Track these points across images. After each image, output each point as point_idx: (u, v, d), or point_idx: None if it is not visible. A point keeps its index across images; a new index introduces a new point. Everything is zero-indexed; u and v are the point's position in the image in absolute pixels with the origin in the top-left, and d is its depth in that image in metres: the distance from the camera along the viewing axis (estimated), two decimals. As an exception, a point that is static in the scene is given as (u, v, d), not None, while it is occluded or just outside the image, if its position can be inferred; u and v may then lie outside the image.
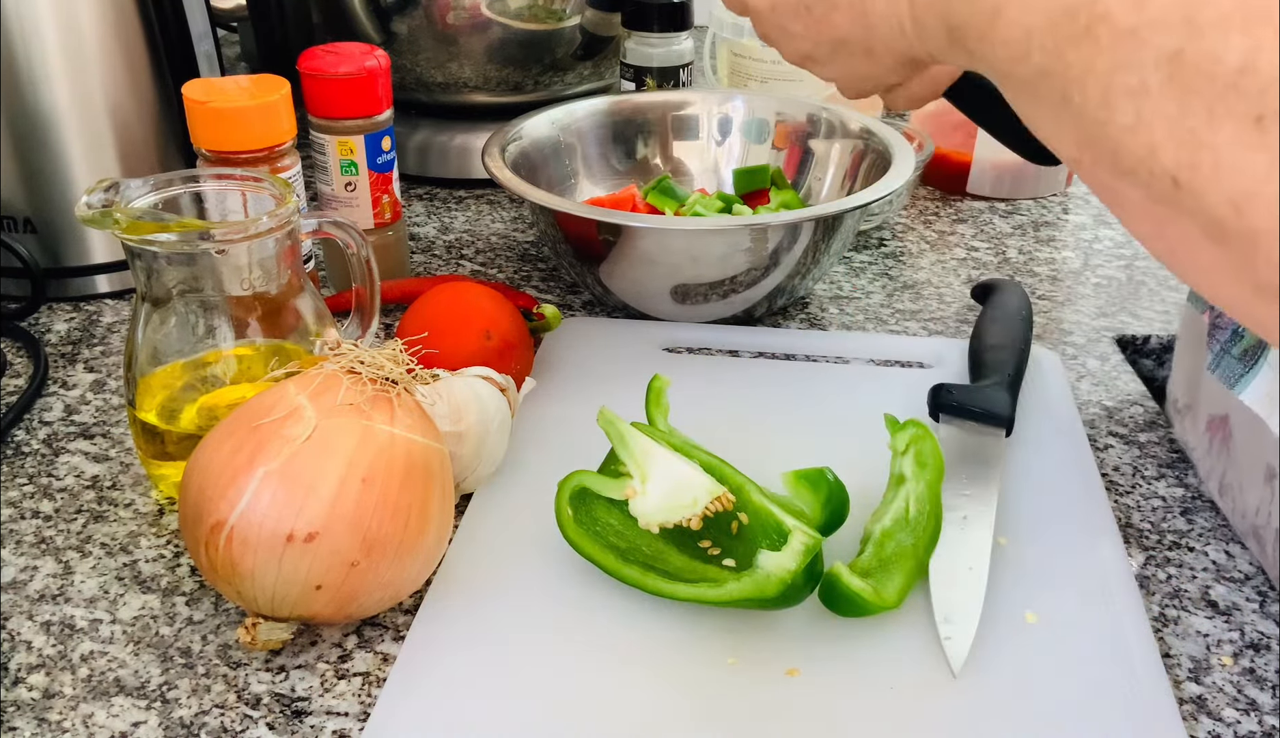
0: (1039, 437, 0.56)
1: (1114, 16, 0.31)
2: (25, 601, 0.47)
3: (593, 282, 0.67)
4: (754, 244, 0.62)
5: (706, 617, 0.45)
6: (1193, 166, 0.29)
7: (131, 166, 0.69)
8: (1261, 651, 0.45)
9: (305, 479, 0.40)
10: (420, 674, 0.42)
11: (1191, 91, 0.28)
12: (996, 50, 0.36)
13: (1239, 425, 0.51)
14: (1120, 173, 0.32)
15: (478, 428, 0.50)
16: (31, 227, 0.68)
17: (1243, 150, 0.27)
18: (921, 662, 0.43)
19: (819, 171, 0.76)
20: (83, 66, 0.66)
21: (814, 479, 0.48)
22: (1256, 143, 0.27)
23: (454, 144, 0.88)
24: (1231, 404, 0.51)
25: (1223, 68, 0.28)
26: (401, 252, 0.73)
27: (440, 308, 0.58)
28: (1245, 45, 0.27)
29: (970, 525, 0.49)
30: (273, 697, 0.42)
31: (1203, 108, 0.28)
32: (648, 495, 0.46)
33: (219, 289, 0.50)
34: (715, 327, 0.66)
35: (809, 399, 0.60)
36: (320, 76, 0.65)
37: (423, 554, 0.43)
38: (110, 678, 0.43)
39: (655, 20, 0.80)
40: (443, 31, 0.83)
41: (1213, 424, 0.53)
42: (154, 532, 0.51)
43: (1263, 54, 0.27)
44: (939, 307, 0.71)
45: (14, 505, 0.53)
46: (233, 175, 0.53)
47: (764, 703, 0.41)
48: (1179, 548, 0.51)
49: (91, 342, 0.67)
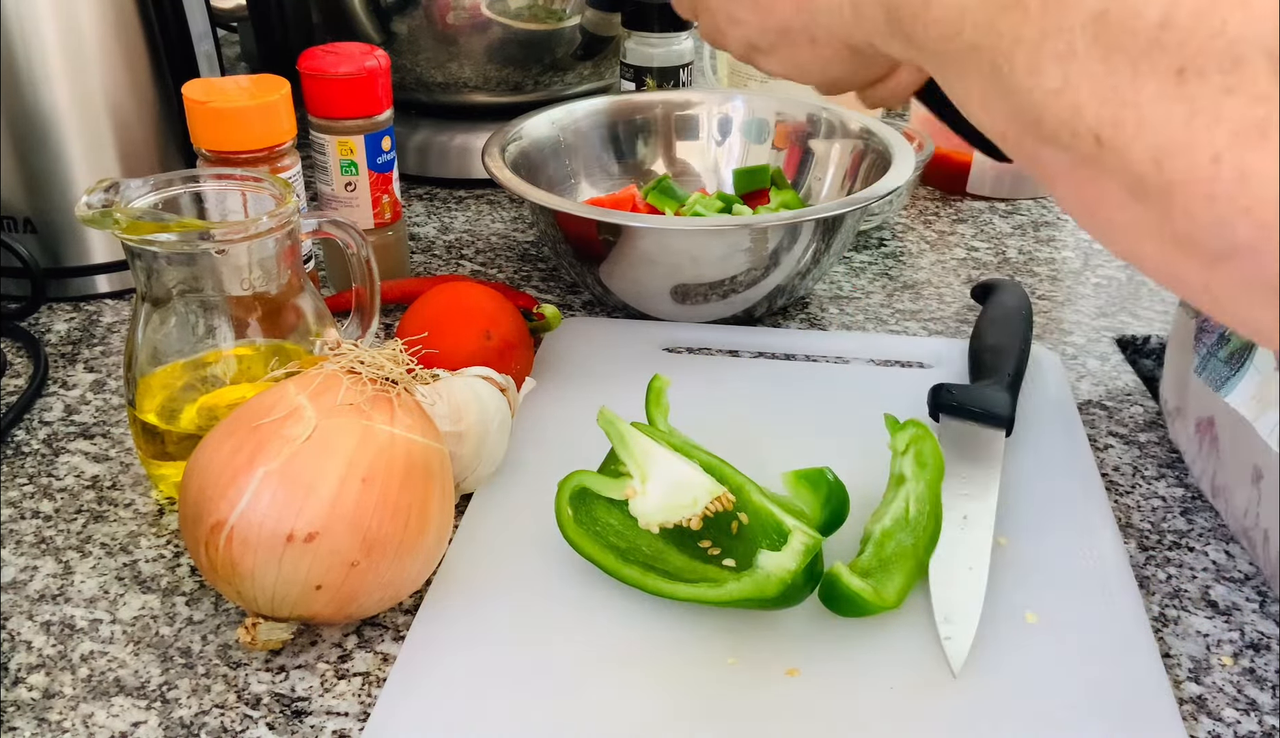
0: (1039, 437, 0.56)
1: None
2: (25, 601, 0.47)
3: (593, 282, 0.67)
4: (754, 244, 0.62)
5: (706, 617, 0.45)
6: (1115, 123, 0.29)
7: (131, 166, 0.69)
8: (1261, 651, 0.45)
9: (305, 479, 0.40)
10: (420, 674, 0.42)
11: (1116, 49, 0.29)
12: (930, 30, 0.36)
13: (1224, 428, 0.51)
14: (1044, 138, 0.32)
15: (478, 428, 0.50)
16: (31, 227, 0.68)
17: (1164, 103, 0.28)
18: (921, 662, 0.43)
19: (819, 171, 0.76)
20: (83, 66, 0.66)
21: (814, 479, 0.48)
22: (1176, 95, 0.27)
23: (454, 144, 0.88)
24: (1217, 407, 0.51)
25: (1144, 23, 0.28)
26: (401, 252, 0.73)
27: (440, 308, 0.58)
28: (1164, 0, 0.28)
29: (970, 525, 0.49)
30: (273, 697, 0.42)
31: (1127, 65, 0.29)
32: (648, 495, 0.46)
33: (219, 289, 0.50)
34: (715, 327, 0.66)
35: (809, 399, 0.60)
36: (320, 76, 0.65)
37: (423, 554, 0.43)
38: (110, 678, 0.43)
39: (655, 20, 0.80)
40: (443, 31, 0.83)
41: (1201, 426, 0.53)
42: (154, 532, 0.51)
43: (1181, 7, 0.27)
44: (939, 307, 0.71)
45: (14, 505, 0.53)
46: (233, 175, 0.53)
47: (764, 703, 0.41)
48: (1179, 548, 0.51)
49: (91, 342, 0.67)
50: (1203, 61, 0.27)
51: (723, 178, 0.79)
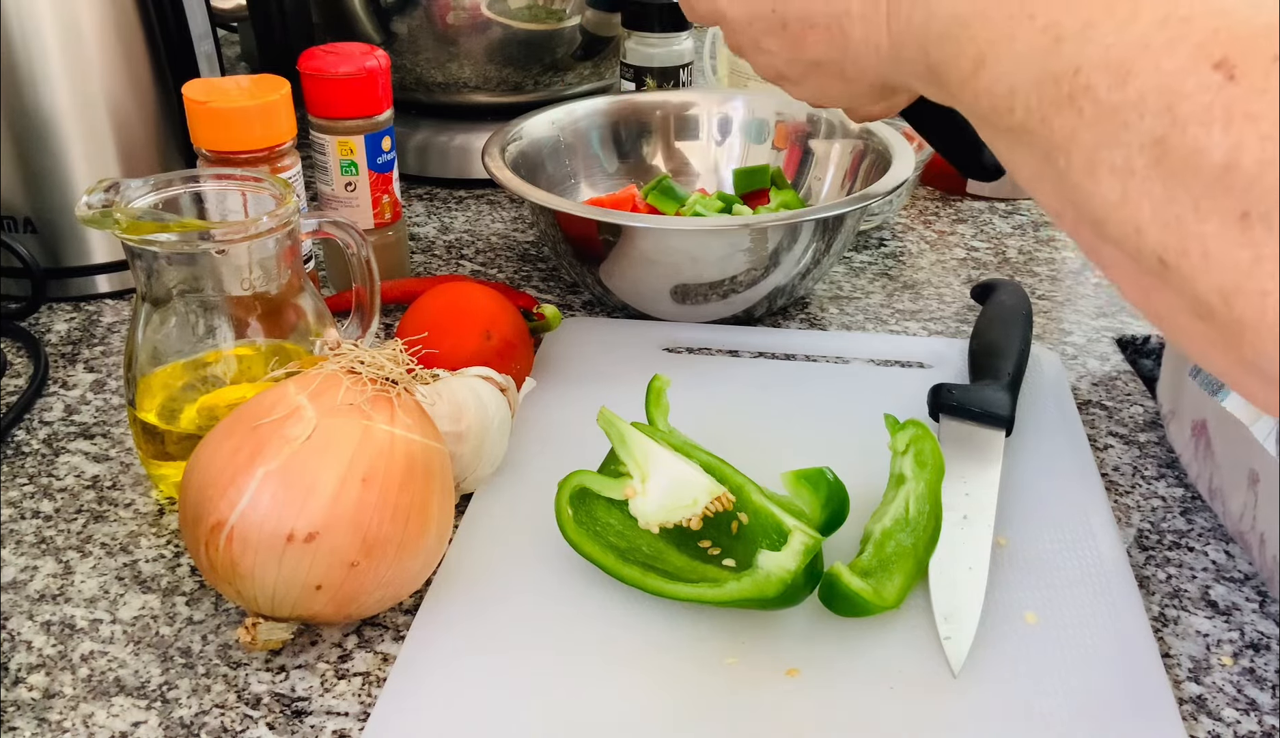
0: (1039, 437, 0.56)
1: (1096, 90, 0.30)
2: (25, 601, 0.47)
3: (593, 282, 0.67)
4: (754, 244, 0.62)
5: (706, 617, 0.45)
6: (1181, 252, 0.28)
7: (131, 167, 0.69)
8: (1261, 651, 0.45)
9: (305, 479, 0.40)
10: (420, 674, 0.42)
11: (1177, 180, 0.28)
12: (979, 99, 0.35)
13: (1217, 431, 0.51)
14: (1105, 239, 0.31)
15: (478, 428, 0.50)
16: (31, 227, 0.68)
17: (1229, 246, 0.27)
18: (921, 662, 0.43)
19: (819, 171, 0.76)
20: (83, 66, 0.66)
21: (814, 479, 0.48)
22: (1241, 239, 0.27)
23: (454, 144, 0.88)
24: (1209, 410, 0.51)
25: (1207, 161, 0.27)
26: (401, 252, 0.73)
27: (440, 308, 0.58)
28: (1228, 143, 0.27)
29: (970, 525, 0.49)
30: (273, 697, 0.42)
31: (1188, 198, 0.28)
32: (648, 495, 0.46)
33: (219, 289, 0.50)
34: (715, 327, 0.66)
35: (809, 399, 0.60)
36: (320, 76, 0.65)
37: (423, 554, 0.43)
38: (110, 678, 0.43)
39: (655, 20, 0.80)
40: (443, 31, 0.83)
41: (1196, 429, 0.53)
42: (154, 532, 0.51)
43: (1246, 152, 0.27)
44: (939, 307, 0.71)
45: (14, 505, 0.53)
46: (233, 175, 0.53)
47: (764, 703, 0.41)
48: (1179, 548, 0.51)
49: (91, 342, 0.67)
50: (1267, 209, 0.26)
51: (723, 178, 0.79)
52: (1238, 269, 0.27)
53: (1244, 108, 0.27)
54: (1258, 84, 0.27)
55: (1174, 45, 0.29)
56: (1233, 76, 0.27)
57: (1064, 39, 0.31)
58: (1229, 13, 0.28)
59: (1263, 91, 0.26)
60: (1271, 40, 0.27)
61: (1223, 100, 0.27)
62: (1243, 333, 0.28)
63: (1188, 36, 0.28)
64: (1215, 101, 0.27)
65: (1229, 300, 0.28)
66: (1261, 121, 0.26)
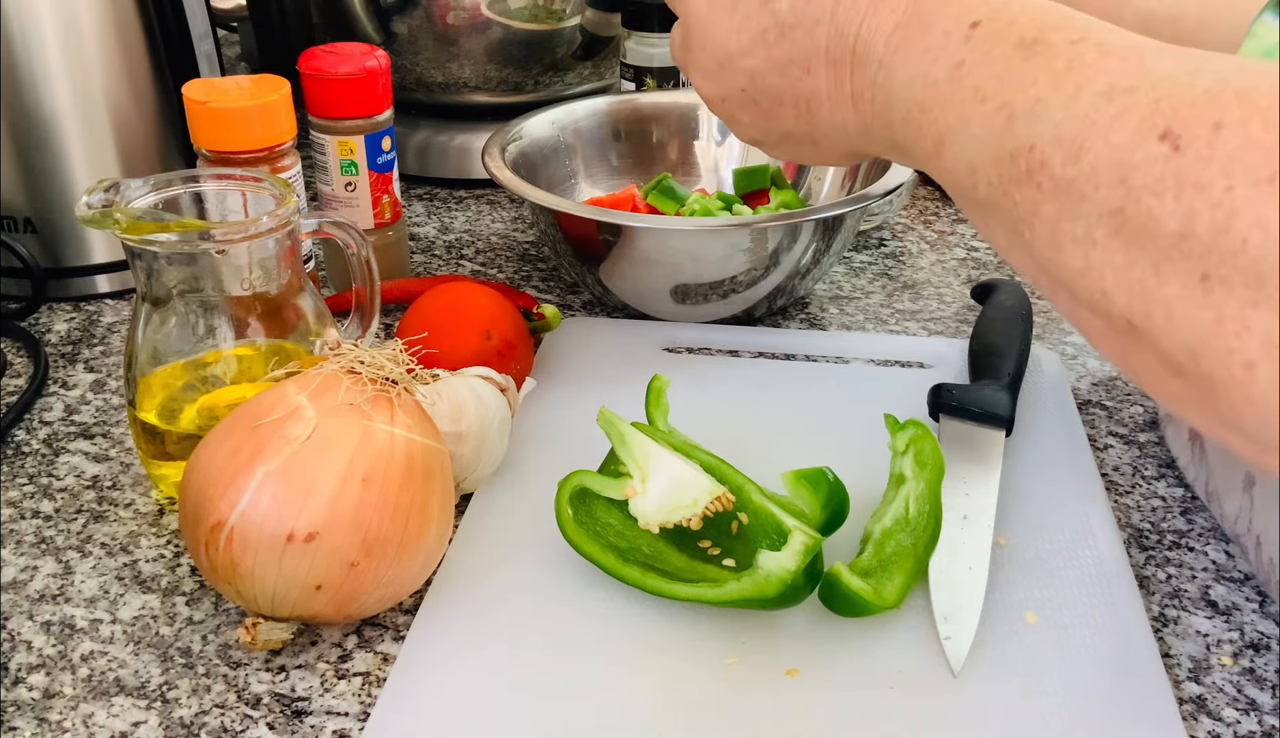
0: (1039, 437, 0.56)
1: (1051, 166, 0.31)
2: (25, 601, 0.47)
3: (593, 282, 0.67)
4: (754, 244, 0.62)
5: (706, 617, 0.45)
6: (1146, 315, 0.29)
7: (131, 166, 0.69)
8: (1261, 651, 0.45)
9: (305, 479, 0.40)
10: (420, 674, 0.42)
11: (1136, 247, 0.29)
12: (944, 175, 0.36)
13: None
14: (1078, 303, 0.32)
15: (478, 428, 0.50)
16: (31, 227, 0.68)
17: (1191, 307, 0.28)
18: (921, 662, 0.43)
19: (819, 171, 0.76)
20: (83, 66, 0.66)
21: (814, 479, 0.48)
22: (1202, 301, 0.28)
23: (454, 144, 0.88)
24: None
25: (1163, 229, 0.28)
26: (401, 252, 0.73)
27: (440, 308, 0.58)
28: (1180, 211, 0.28)
29: (970, 525, 0.49)
30: (273, 697, 0.42)
31: (1149, 262, 0.29)
32: (648, 495, 0.46)
33: (219, 289, 0.50)
34: (715, 327, 0.66)
35: (809, 399, 0.60)
36: (320, 76, 0.65)
37: (423, 554, 0.43)
38: (110, 678, 0.43)
39: (655, 20, 0.80)
40: (443, 31, 0.83)
41: (1192, 432, 0.53)
42: (154, 532, 0.51)
43: (1199, 220, 0.27)
44: (939, 307, 0.71)
45: (14, 505, 0.53)
46: (233, 175, 0.53)
47: (764, 703, 0.41)
48: (1179, 548, 0.51)
49: (91, 342, 0.67)
50: (1226, 273, 0.27)
51: (723, 178, 0.79)
52: (1202, 327, 0.28)
53: (1192, 177, 0.27)
54: (1202, 153, 0.27)
55: (1120, 118, 0.29)
56: (1178, 147, 0.28)
57: (1015, 117, 0.33)
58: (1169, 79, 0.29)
59: (1208, 160, 0.27)
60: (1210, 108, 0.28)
61: (1172, 170, 0.28)
62: (1215, 389, 0.28)
63: (1132, 109, 0.29)
64: (1165, 172, 0.28)
65: (1197, 359, 0.28)
66: (1211, 189, 0.27)
